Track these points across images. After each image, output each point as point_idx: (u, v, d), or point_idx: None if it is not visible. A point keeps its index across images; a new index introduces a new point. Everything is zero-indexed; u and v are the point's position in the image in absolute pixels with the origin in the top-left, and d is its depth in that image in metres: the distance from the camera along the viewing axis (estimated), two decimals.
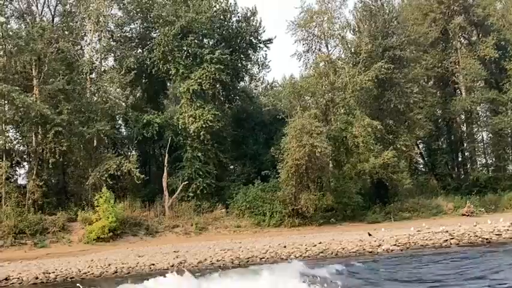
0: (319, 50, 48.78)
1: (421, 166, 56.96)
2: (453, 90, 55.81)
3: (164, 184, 42.17)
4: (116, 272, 23.25)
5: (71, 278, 22.61)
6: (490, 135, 55.58)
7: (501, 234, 27.59)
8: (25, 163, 42.02)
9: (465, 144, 54.97)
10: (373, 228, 35.50)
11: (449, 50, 54.52)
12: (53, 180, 41.14)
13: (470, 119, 55.52)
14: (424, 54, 51.77)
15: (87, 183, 39.77)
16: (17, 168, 41.38)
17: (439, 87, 55.80)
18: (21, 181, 41.43)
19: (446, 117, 54.47)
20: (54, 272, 23.29)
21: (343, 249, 25.75)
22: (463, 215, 42.83)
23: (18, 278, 22.54)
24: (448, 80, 55.27)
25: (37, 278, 22.54)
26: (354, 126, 43.52)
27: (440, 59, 53.48)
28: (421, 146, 56.58)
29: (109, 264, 24.45)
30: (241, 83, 52.28)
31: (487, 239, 27.10)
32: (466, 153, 55.67)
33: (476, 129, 56.74)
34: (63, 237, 35.95)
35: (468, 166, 55.43)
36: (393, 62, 46.24)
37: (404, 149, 46.33)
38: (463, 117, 55.53)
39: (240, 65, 48.83)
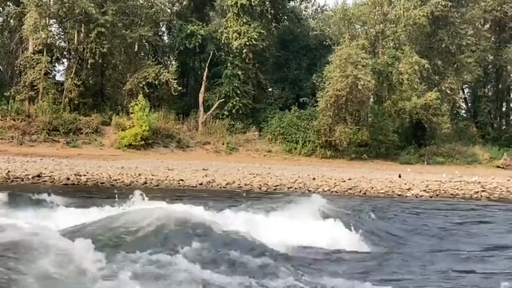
0: None
1: (463, 112, 55.56)
2: (508, 37, 53.29)
3: (200, 99, 41.90)
4: (146, 183, 23.15)
5: (101, 183, 22.60)
6: None
7: None
8: (65, 60, 42.04)
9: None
10: (404, 169, 34.95)
11: None
12: (90, 81, 41.16)
13: None
14: None
15: (124, 88, 39.81)
16: (56, 65, 41.42)
17: (494, 32, 53.38)
18: (59, 78, 41.61)
19: (497, 64, 52.36)
20: (85, 175, 23.30)
21: (372, 188, 25.20)
22: (498, 166, 41.98)
23: (50, 177, 22.55)
24: (505, 26, 52.80)
25: (68, 179, 22.50)
26: (401, 62, 42.29)
27: (500, 2, 50.76)
28: (466, 91, 54.97)
29: (139, 174, 24.42)
30: (291, 3, 50.61)
31: None
32: (511, 104, 53.92)
33: None
34: (95, 140, 36.32)
35: (511, 117, 53.85)
36: (451, 0, 44.10)
37: (449, 92, 45.04)
38: None
39: None
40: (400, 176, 29.25)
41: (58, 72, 42.20)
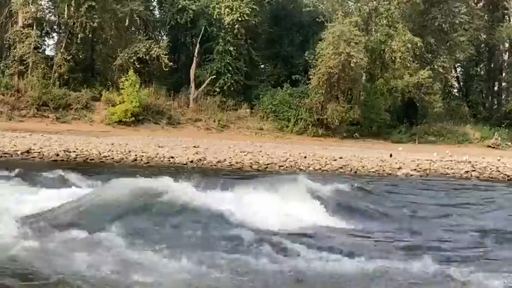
0: None
1: (455, 91, 55.33)
2: (502, 16, 53.01)
3: (192, 75, 41.53)
4: (136, 160, 23.10)
5: (91, 160, 22.54)
6: None
7: None
8: (54, 34, 41.65)
9: (504, 74, 53.09)
10: (396, 148, 34.99)
11: None
12: (80, 56, 40.86)
13: None
14: None
15: (114, 64, 39.49)
16: (46, 39, 41.03)
17: (488, 11, 52.88)
18: (49, 52, 41.23)
19: (489, 43, 52.05)
20: (75, 152, 23.20)
21: (363, 167, 25.25)
22: (489, 146, 42.06)
23: (39, 153, 22.46)
24: (498, 4, 52.48)
25: (58, 155, 22.43)
26: (394, 40, 41.95)
27: None
28: (458, 69, 54.76)
29: (129, 151, 24.31)
30: None
31: (508, 176, 26.36)
32: (503, 84, 53.88)
33: None
34: (85, 116, 36.12)
35: (503, 97, 53.81)
36: None
37: (441, 70, 44.96)
38: (507, 45, 53.18)
39: None
40: (391, 156, 29.25)
41: (48, 47, 41.90)
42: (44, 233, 8.14)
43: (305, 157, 26.35)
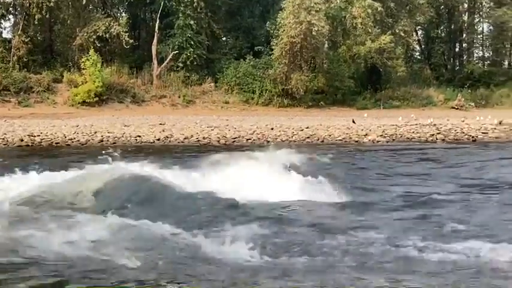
0: None
1: (417, 54, 55.95)
2: None
3: (153, 51, 40.99)
4: (102, 141, 22.76)
5: (56, 143, 22.17)
6: (491, 27, 54.20)
7: (487, 133, 27.34)
8: (11, 16, 40.57)
9: (464, 35, 53.79)
10: (361, 114, 35.33)
11: None
12: (39, 38, 40.00)
13: (473, 9, 53.97)
14: None
15: (74, 44, 38.72)
16: (2, 21, 40.00)
17: None
18: (6, 35, 40.28)
19: (449, 4, 52.64)
20: (39, 136, 22.80)
21: (330, 136, 25.41)
22: (453, 107, 42.82)
23: (3, 139, 21.96)
24: None
25: (22, 140, 21.97)
26: (354, 6, 42.10)
27: None
28: (419, 32, 55.23)
29: (95, 132, 24.00)
30: None
31: (472, 136, 26.88)
32: (464, 45, 54.71)
33: (477, 20, 55.40)
34: (47, 98, 35.49)
35: (464, 58, 54.67)
36: None
37: (403, 34, 45.25)
38: (466, 5, 53.83)
39: None
40: (354, 122, 29.47)
41: (4, 30, 40.90)
42: None
43: (272, 129, 26.43)
